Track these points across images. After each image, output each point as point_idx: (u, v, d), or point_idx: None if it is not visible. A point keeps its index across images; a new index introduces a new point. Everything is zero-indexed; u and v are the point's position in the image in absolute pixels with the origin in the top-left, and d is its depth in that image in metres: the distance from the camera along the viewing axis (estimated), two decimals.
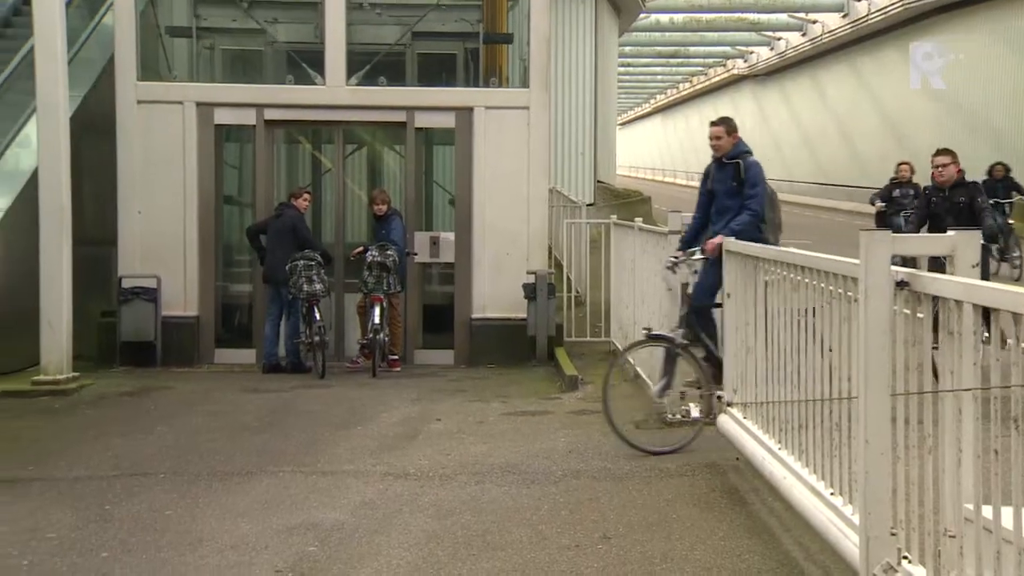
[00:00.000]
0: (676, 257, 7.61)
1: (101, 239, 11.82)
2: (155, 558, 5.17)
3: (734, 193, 7.48)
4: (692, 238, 7.72)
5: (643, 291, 9.51)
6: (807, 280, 5.03)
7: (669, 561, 5.06)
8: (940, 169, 9.48)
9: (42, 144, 10.27)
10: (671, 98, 65.50)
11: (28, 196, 10.75)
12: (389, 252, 11.26)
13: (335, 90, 12.05)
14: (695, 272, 7.55)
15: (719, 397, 6.78)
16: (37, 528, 5.67)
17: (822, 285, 4.81)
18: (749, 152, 7.62)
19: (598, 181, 20.42)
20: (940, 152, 9.67)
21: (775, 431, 5.64)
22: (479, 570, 4.97)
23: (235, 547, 5.34)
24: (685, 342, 7.39)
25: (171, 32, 12.82)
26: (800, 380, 5.16)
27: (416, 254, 12.14)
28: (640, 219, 10.68)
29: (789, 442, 5.37)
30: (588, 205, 16.60)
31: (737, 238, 6.76)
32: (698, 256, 7.46)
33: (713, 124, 7.66)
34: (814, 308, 4.93)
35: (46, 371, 10.04)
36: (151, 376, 10.93)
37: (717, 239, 7.04)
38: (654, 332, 7.70)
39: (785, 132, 45.16)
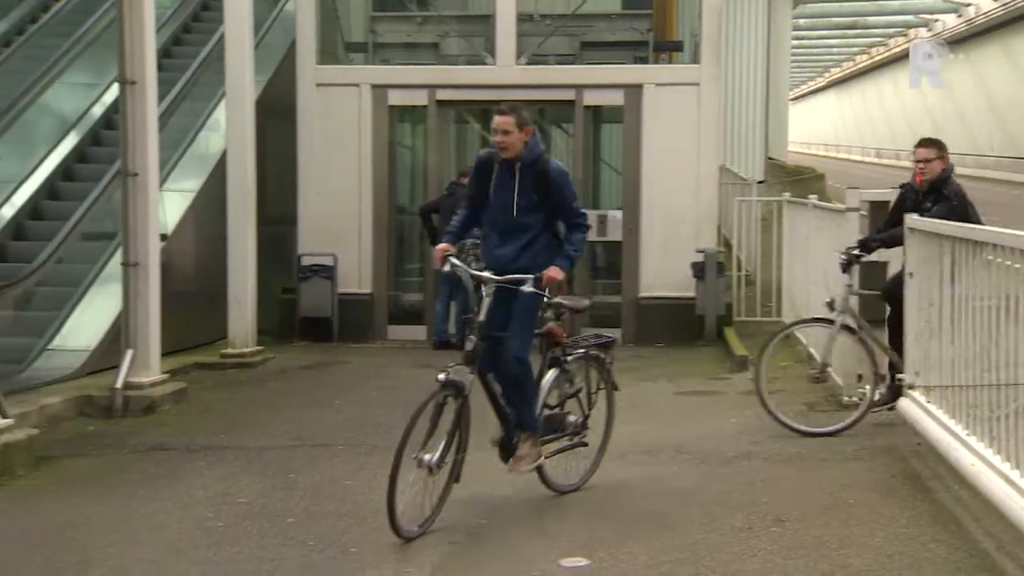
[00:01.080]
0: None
1: (282, 218, 12.31)
2: (337, 526, 5.38)
3: (533, 207, 5.56)
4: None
5: (817, 270, 9.24)
6: (1000, 259, 4.77)
7: (847, 547, 4.92)
8: (922, 165, 7.07)
9: (230, 128, 10.77)
10: (847, 71, 63.15)
11: (217, 178, 11.30)
12: None
13: (505, 70, 12.16)
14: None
15: (899, 380, 6.53)
16: (229, 493, 5.99)
17: (1016, 265, 4.56)
18: (546, 153, 5.75)
19: (769, 158, 19.92)
20: (923, 143, 7.22)
21: (962, 416, 5.40)
22: (649, 549, 4.96)
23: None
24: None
25: (350, 48, 13.14)
26: (993, 364, 4.91)
27: None
28: (814, 196, 10.38)
29: (979, 428, 5.12)
30: (758, 182, 16.19)
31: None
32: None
33: (501, 113, 5.58)
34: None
35: (233, 344, 10.57)
36: (328, 351, 11.33)
37: (554, 272, 5.46)
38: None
39: (971, 103, 42.87)
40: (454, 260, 5.71)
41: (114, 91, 10.89)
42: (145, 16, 8.34)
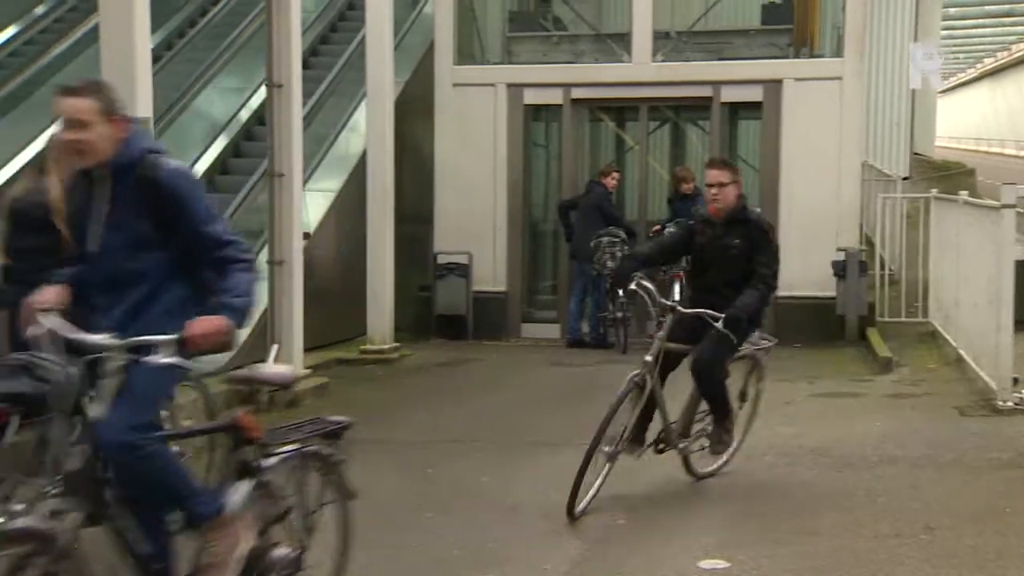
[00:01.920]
0: None
1: (419, 217, 12.52)
2: (474, 521, 5.43)
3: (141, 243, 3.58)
4: None
5: (968, 269, 8.88)
6: None
7: (1004, 558, 4.71)
8: (715, 191, 5.82)
9: (370, 128, 11.02)
10: (1001, 61, 60.37)
11: (357, 177, 11.57)
12: None
13: (641, 67, 12.08)
14: None
15: None
16: (368, 487, 6.05)
17: None
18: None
19: (914, 153, 19.21)
20: (714, 164, 6.05)
21: None
22: (791, 553, 4.85)
23: (547, 516, 5.50)
24: None
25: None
26: None
27: None
28: (965, 192, 9.98)
29: None
30: (903, 179, 15.65)
31: None
32: None
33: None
34: None
35: (372, 341, 10.80)
36: (463, 348, 11.47)
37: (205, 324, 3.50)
38: None
39: None
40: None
41: (261, 94, 11.27)
42: (291, 21, 8.60)
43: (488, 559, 4.86)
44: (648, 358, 5.70)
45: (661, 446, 5.96)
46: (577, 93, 12.29)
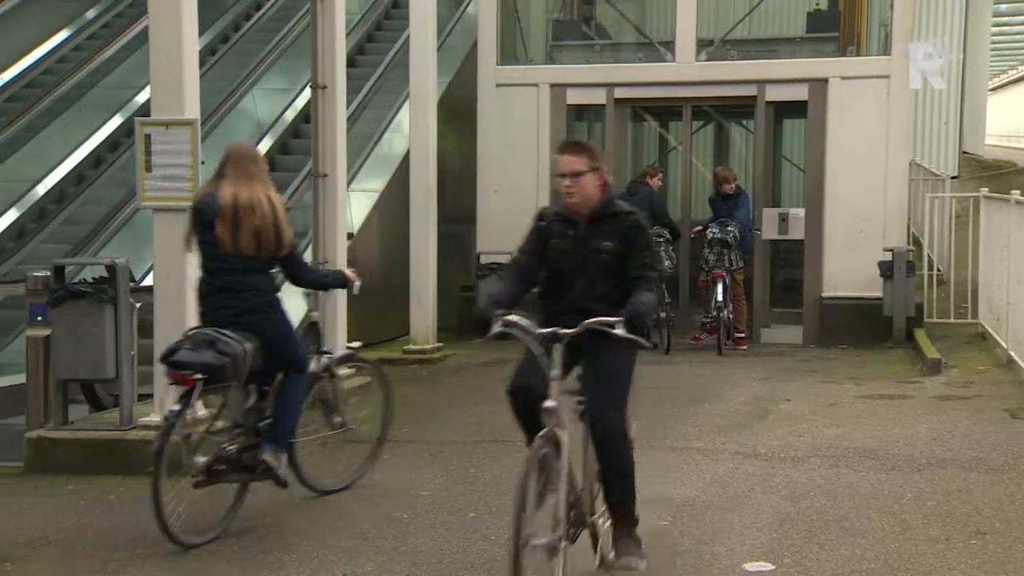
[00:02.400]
0: None
1: (461, 217, 12.55)
2: None
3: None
4: None
5: (1020, 269, 8.73)
6: None
7: None
8: (569, 183, 4.61)
9: (413, 128, 11.05)
10: None
11: (400, 178, 11.62)
12: (730, 228, 11.11)
13: (684, 66, 12.03)
14: None
15: None
16: (413, 486, 6.14)
17: None
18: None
19: (963, 152, 18.94)
20: (568, 147, 4.75)
21: None
22: (838, 556, 4.80)
23: None
24: None
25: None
26: None
27: (759, 230, 11.87)
28: (1016, 192, 9.82)
29: None
30: (952, 178, 15.44)
31: None
32: None
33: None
34: None
35: (414, 341, 10.84)
36: (505, 348, 11.22)
37: None
38: None
39: None
40: None
41: (305, 96, 11.35)
42: (336, 23, 8.65)
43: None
44: (549, 404, 4.17)
45: (572, 529, 4.36)
46: (620, 93, 12.26)
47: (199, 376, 5.04)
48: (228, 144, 5.61)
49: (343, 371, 6.34)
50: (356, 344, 6.54)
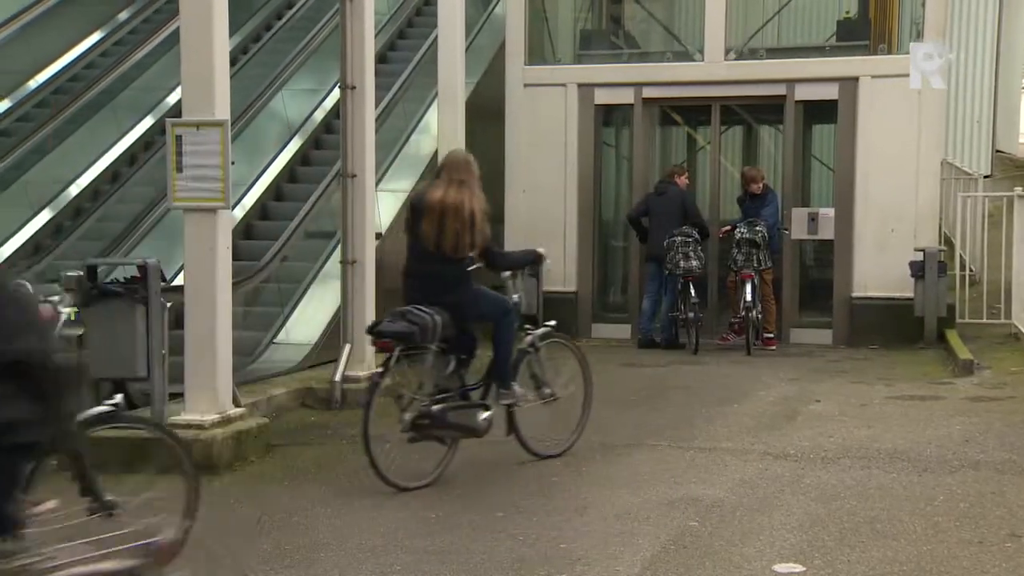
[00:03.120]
0: None
1: (489, 216, 12.53)
2: (545, 521, 5.43)
3: None
4: None
5: None
6: None
7: None
8: None
9: (441, 129, 11.07)
10: None
11: (428, 178, 11.61)
12: (758, 228, 11.06)
13: (713, 66, 11.98)
14: None
15: None
16: (441, 485, 6.15)
17: None
18: None
19: (997, 150, 18.72)
20: None
21: None
22: (869, 558, 4.76)
23: (619, 516, 5.48)
24: None
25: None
26: None
27: (788, 230, 11.80)
28: None
29: None
30: (984, 177, 15.27)
31: None
32: None
33: None
34: None
35: None
36: None
37: None
38: None
39: None
40: None
41: (334, 96, 11.38)
42: (365, 24, 8.68)
43: (560, 559, 4.86)
44: None
45: None
46: (648, 93, 12.23)
47: (396, 342, 5.97)
48: (448, 151, 6.55)
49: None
50: (552, 323, 7.14)
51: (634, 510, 5.57)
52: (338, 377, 8.55)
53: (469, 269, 6.27)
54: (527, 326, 6.78)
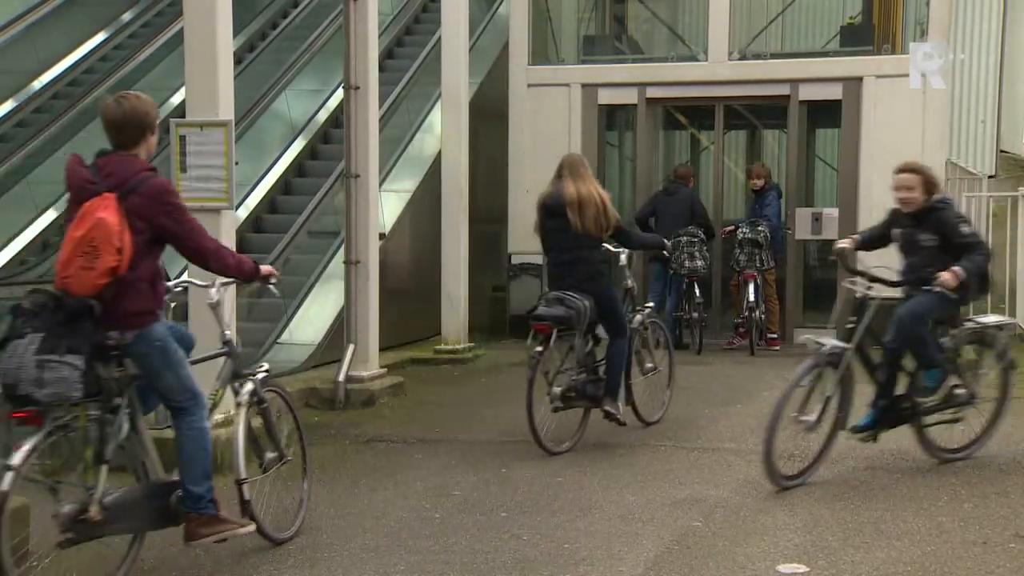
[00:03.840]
0: None
1: (493, 217, 12.56)
2: (549, 521, 5.43)
3: None
4: None
5: None
6: None
7: None
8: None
9: (444, 129, 11.08)
10: None
11: (431, 178, 11.65)
12: (760, 228, 11.05)
13: (716, 66, 11.97)
14: None
15: None
16: (445, 486, 6.16)
17: None
18: None
19: (1001, 151, 18.68)
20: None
21: None
22: (873, 559, 4.75)
23: (622, 517, 5.48)
24: None
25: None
26: None
27: (791, 230, 11.78)
28: None
29: None
30: (989, 177, 15.25)
31: None
32: None
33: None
34: None
35: (446, 341, 10.86)
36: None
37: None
38: None
39: None
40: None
41: (337, 96, 11.38)
42: (369, 24, 8.69)
43: (564, 559, 4.85)
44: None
45: None
46: (652, 93, 12.23)
47: (553, 324, 6.78)
48: (565, 154, 7.41)
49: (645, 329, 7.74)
50: (650, 305, 8.10)
51: (638, 510, 5.57)
52: (342, 377, 8.56)
53: (602, 255, 7.29)
54: (637, 308, 7.72)
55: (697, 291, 11.10)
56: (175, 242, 4.52)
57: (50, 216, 11.37)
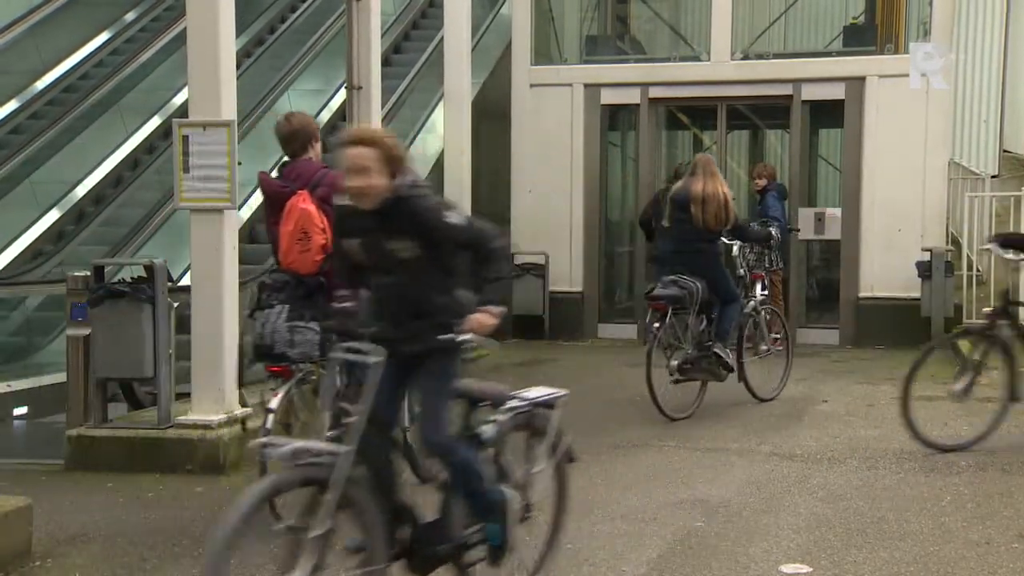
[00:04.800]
0: None
1: (495, 217, 12.52)
2: None
3: None
4: None
5: None
6: None
7: None
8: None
9: (447, 129, 11.09)
10: None
11: (434, 178, 11.64)
12: (771, 228, 11.03)
13: (719, 65, 11.97)
14: None
15: None
16: None
17: None
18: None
19: (1004, 150, 18.66)
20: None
21: None
22: (876, 559, 4.75)
23: (624, 516, 5.48)
24: None
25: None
26: None
27: (798, 230, 11.78)
28: None
29: None
30: (992, 177, 15.22)
31: None
32: None
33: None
34: None
35: None
36: (539, 348, 11.46)
37: None
38: None
39: None
40: None
41: (340, 96, 11.38)
42: (371, 24, 8.69)
43: (566, 560, 4.85)
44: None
45: None
46: (655, 93, 12.22)
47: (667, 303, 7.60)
48: (697, 154, 8.20)
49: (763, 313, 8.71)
50: (765, 292, 8.94)
51: (640, 510, 5.56)
52: None
53: (721, 246, 8.11)
54: (750, 294, 8.52)
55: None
56: None
57: (52, 216, 11.39)
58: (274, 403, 5.11)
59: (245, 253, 10.94)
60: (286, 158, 5.63)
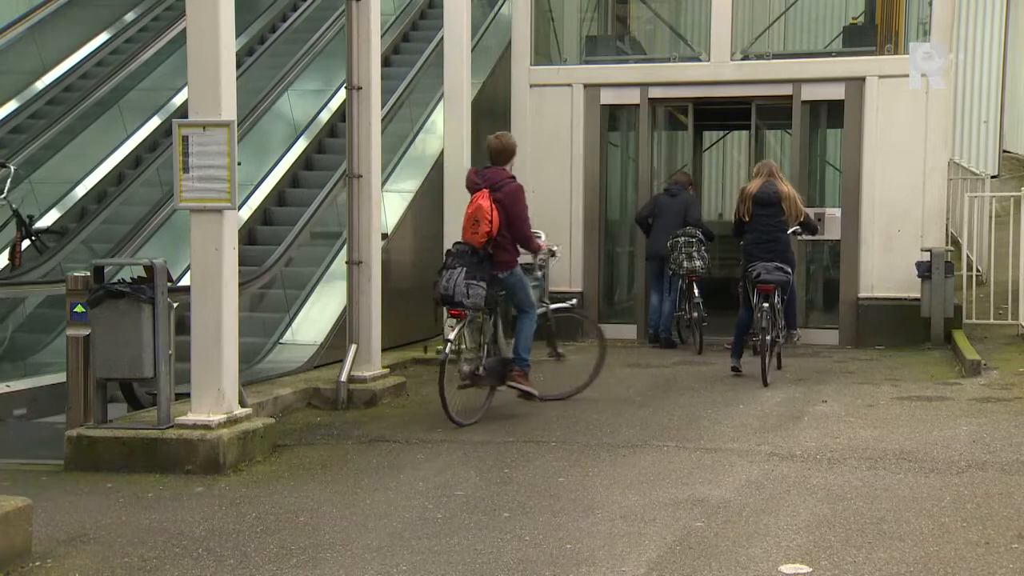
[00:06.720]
0: None
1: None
2: (551, 522, 5.42)
3: None
4: None
5: None
6: None
7: None
8: None
9: (447, 129, 11.08)
10: None
11: (433, 178, 11.66)
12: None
13: (719, 66, 11.97)
14: None
15: None
16: (447, 485, 6.16)
17: None
18: None
19: (1004, 150, 18.69)
20: None
21: None
22: (876, 559, 4.75)
23: (624, 517, 5.48)
24: None
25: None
26: None
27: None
28: None
29: None
30: (991, 177, 15.25)
31: None
32: None
33: None
34: None
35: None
36: (540, 348, 11.40)
37: None
38: None
39: None
40: None
41: (340, 96, 11.38)
42: (371, 25, 8.69)
43: (566, 560, 4.85)
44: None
45: None
46: (654, 93, 12.23)
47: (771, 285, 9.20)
48: (762, 159, 10.06)
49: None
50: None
51: (640, 511, 5.56)
52: (344, 377, 8.56)
53: (790, 237, 9.63)
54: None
55: (696, 291, 11.10)
56: (512, 224, 7.77)
57: (52, 216, 11.39)
58: (452, 335, 7.60)
59: (245, 253, 11.04)
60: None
